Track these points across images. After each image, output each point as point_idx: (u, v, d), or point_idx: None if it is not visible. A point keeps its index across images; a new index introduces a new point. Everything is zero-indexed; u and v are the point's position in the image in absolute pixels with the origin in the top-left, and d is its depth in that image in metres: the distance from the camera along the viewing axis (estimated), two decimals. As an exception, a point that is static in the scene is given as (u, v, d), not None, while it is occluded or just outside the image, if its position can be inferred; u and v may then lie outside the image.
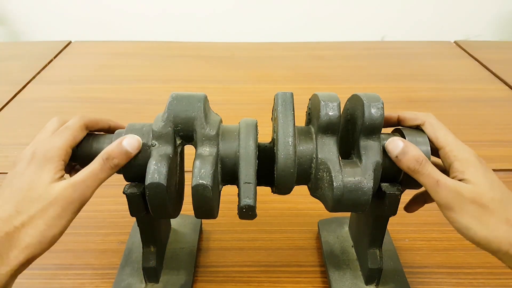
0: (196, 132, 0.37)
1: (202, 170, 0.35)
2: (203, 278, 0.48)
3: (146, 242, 0.43)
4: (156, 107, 0.81)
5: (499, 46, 1.17)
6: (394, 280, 0.45)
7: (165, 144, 0.37)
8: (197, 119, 0.37)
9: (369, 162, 0.37)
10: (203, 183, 0.34)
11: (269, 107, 0.42)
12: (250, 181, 0.36)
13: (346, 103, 0.41)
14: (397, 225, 0.53)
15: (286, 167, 0.36)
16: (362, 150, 0.37)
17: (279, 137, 0.36)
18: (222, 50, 1.11)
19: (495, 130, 0.76)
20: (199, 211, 0.37)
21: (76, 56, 1.08)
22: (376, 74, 0.98)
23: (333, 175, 0.36)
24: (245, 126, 0.38)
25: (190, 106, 0.37)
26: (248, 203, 0.35)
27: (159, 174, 0.35)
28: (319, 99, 0.37)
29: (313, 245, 0.52)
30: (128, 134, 0.38)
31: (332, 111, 0.36)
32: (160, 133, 0.37)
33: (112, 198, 0.59)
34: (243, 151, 0.36)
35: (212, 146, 0.37)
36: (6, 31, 2.05)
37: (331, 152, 0.37)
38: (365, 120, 0.36)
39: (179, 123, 0.37)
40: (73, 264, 0.49)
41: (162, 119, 0.37)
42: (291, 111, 0.37)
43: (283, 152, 0.36)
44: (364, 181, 0.36)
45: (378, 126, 0.37)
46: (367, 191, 0.36)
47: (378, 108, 0.36)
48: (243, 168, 0.36)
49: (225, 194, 0.41)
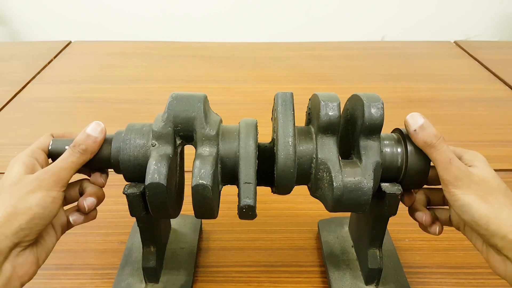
0: (196, 132, 0.37)
1: (202, 170, 0.35)
2: (203, 278, 0.48)
3: (146, 242, 0.43)
4: (156, 107, 0.81)
5: (499, 46, 1.17)
6: (394, 280, 0.45)
7: (165, 144, 0.37)
8: (197, 119, 0.37)
9: (369, 162, 0.37)
10: (203, 183, 0.34)
11: (269, 107, 0.42)
12: (250, 181, 0.36)
13: (346, 103, 0.41)
14: (397, 225, 0.53)
15: (286, 167, 0.36)
16: (362, 150, 0.37)
17: (279, 137, 0.36)
18: (222, 50, 1.11)
19: (495, 130, 0.76)
20: (199, 211, 0.37)
21: (76, 56, 1.08)
22: (376, 74, 0.98)
23: (333, 175, 0.36)
24: (245, 126, 0.38)
25: (190, 106, 0.37)
26: (248, 203, 0.35)
27: (159, 174, 0.35)
28: (319, 99, 0.37)
29: (313, 245, 0.52)
30: (128, 134, 0.38)
31: (332, 111, 0.36)
32: (160, 133, 0.37)
33: (112, 198, 0.59)
34: (243, 151, 0.36)
35: (212, 146, 0.37)
36: (6, 31, 2.05)
37: (331, 152, 0.37)
38: (365, 120, 0.36)
39: (179, 123, 0.37)
40: (73, 264, 0.49)
41: (162, 119, 0.37)
42: (291, 111, 0.37)
43: (283, 152, 0.36)
44: (364, 181, 0.36)
45: (378, 126, 0.37)
46: (367, 191, 0.36)
47: (378, 108, 0.36)
48: (243, 168, 0.36)
49: (225, 194, 0.41)
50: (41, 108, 0.83)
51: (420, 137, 0.36)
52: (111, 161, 0.39)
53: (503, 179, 0.36)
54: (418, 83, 0.93)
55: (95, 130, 0.38)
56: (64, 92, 0.89)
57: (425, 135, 0.36)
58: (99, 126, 0.39)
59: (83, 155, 0.37)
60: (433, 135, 0.36)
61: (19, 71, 0.98)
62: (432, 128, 0.36)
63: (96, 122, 0.39)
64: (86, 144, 0.38)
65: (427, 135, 0.36)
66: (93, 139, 0.38)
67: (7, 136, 0.74)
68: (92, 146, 0.38)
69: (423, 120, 0.36)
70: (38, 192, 0.34)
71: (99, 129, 0.39)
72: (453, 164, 0.35)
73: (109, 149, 0.39)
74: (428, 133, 0.36)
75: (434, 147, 0.35)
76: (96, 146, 0.38)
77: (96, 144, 0.38)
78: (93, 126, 0.39)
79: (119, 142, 0.38)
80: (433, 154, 0.36)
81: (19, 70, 0.98)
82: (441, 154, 0.35)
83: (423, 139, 0.36)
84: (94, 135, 0.38)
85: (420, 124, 0.36)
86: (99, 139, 0.38)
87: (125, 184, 0.38)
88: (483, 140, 0.73)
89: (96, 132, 0.38)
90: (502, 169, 0.65)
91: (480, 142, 0.72)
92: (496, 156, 0.68)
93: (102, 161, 0.39)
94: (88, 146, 0.38)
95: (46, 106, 0.84)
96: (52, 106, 0.84)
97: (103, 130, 0.39)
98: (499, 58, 1.04)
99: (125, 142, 0.38)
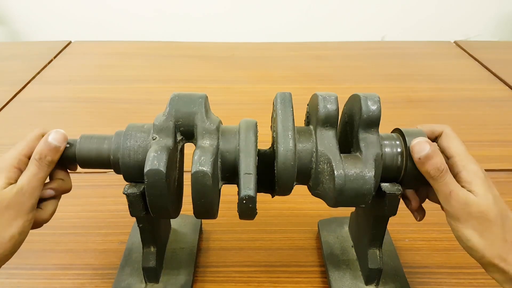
0: (197, 126, 0.37)
1: (202, 158, 0.35)
2: (203, 278, 0.48)
3: (146, 242, 0.43)
4: (156, 107, 0.81)
5: (499, 46, 1.17)
6: (394, 280, 0.45)
7: (165, 138, 0.37)
8: (198, 113, 0.37)
9: (369, 153, 0.37)
10: (203, 169, 0.34)
11: (269, 107, 0.42)
12: (250, 172, 0.36)
13: (344, 107, 0.41)
14: (397, 225, 0.53)
15: (286, 160, 0.36)
16: (362, 143, 0.37)
17: (278, 132, 0.36)
18: (222, 50, 1.11)
19: (495, 130, 0.76)
20: (199, 204, 0.36)
21: (76, 56, 1.08)
22: (376, 74, 0.98)
23: (333, 165, 0.36)
24: (245, 124, 0.38)
25: (191, 102, 0.38)
26: (248, 194, 0.35)
27: (158, 161, 0.35)
28: (317, 95, 0.38)
29: (313, 245, 0.52)
30: (128, 134, 0.38)
31: (330, 104, 0.37)
32: (161, 126, 0.37)
33: (112, 198, 0.59)
34: (243, 143, 0.37)
35: (213, 139, 0.37)
36: (6, 31, 2.05)
37: (331, 144, 0.37)
38: (363, 113, 0.37)
39: (180, 117, 0.37)
40: (73, 264, 0.49)
41: (164, 114, 0.38)
42: (290, 108, 0.37)
43: (283, 145, 0.36)
44: (365, 170, 0.36)
45: (376, 119, 0.37)
46: (368, 179, 0.36)
47: (374, 101, 0.37)
48: (243, 160, 0.36)
49: (225, 194, 0.41)
50: (41, 108, 0.83)
51: (424, 167, 0.36)
52: (111, 161, 0.39)
53: (503, 179, 0.36)
54: (418, 83, 0.93)
55: (58, 139, 0.38)
56: (64, 92, 0.89)
57: (429, 166, 0.36)
58: (61, 135, 0.38)
59: (50, 167, 0.37)
60: (436, 168, 0.35)
61: (19, 71, 0.98)
62: (437, 159, 0.36)
63: (56, 131, 0.38)
64: (51, 155, 0.37)
65: (431, 167, 0.36)
66: (57, 149, 0.37)
67: (7, 136, 0.74)
68: (57, 156, 0.38)
69: (429, 148, 0.36)
70: (19, 219, 0.35)
71: (61, 137, 0.38)
72: (453, 197, 0.35)
73: (108, 149, 0.39)
74: (432, 164, 0.36)
75: (436, 179, 0.36)
76: (59, 156, 0.38)
77: (59, 153, 0.38)
78: (54, 135, 0.38)
79: (119, 142, 0.38)
80: (435, 185, 0.36)
81: (19, 70, 0.98)
82: (442, 186, 0.36)
83: (427, 170, 0.36)
84: (57, 144, 0.37)
85: (425, 153, 0.36)
86: (61, 148, 0.38)
87: (125, 184, 0.38)
88: (483, 140, 0.73)
89: (59, 141, 0.38)
90: (502, 169, 0.65)
91: (480, 142, 0.72)
92: (496, 156, 0.68)
93: (102, 161, 0.39)
94: (53, 157, 0.37)
95: (46, 106, 0.84)
96: (52, 106, 0.84)
97: (65, 137, 0.38)
98: (499, 58, 1.04)
99: (125, 143, 0.38)
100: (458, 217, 0.35)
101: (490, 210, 0.34)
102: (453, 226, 0.36)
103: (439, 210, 0.37)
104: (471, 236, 0.35)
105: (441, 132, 0.39)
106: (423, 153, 0.36)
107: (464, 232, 0.35)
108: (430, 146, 0.36)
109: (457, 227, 0.36)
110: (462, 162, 0.37)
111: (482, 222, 0.35)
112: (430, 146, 0.36)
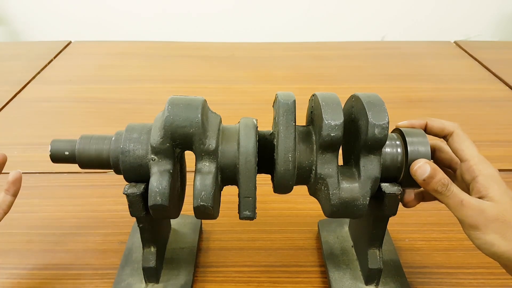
0: (195, 148, 0.37)
1: (202, 193, 0.36)
2: (203, 278, 0.48)
3: (146, 242, 0.43)
4: (156, 107, 0.81)
5: (499, 46, 1.17)
6: (394, 280, 0.45)
7: (164, 159, 0.37)
8: (195, 135, 0.36)
9: (368, 179, 0.37)
10: (205, 204, 0.36)
11: (269, 107, 0.42)
12: (250, 196, 0.37)
13: (351, 106, 0.41)
14: (397, 225, 0.53)
15: (284, 179, 0.37)
16: (362, 164, 0.37)
17: (279, 151, 0.36)
18: (222, 50, 1.11)
19: (495, 130, 0.76)
20: (200, 217, 0.38)
21: (76, 56, 1.08)
22: (376, 74, 0.98)
23: (330, 192, 0.37)
24: (245, 127, 0.38)
25: (187, 121, 0.36)
26: (247, 215, 0.37)
27: (161, 196, 0.36)
28: (322, 110, 0.36)
29: (313, 245, 0.52)
30: (128, 134, 0.38)
31: (335, 132, 0.36)
32: (159, 149, 0.37)
33: (112, 198, 0.59)
34: (243, 167, 0.36)
35: (212, 161, 0.37)
36: (6, 31, 2.05)
37: (331, 169, 0.37)
38: (368, 139, 0.36)
39: (177, 139, 0.36)
40: (73, 264, 0.49)
41: (160, 134, 0.36)
42: (292, 122, 0.37)
43: (283, 167, 0.36)
44: (360, 198, 0.37)
45: (380, 145, 0.37)
46: (362, 208, 0.37)
47: (382, 128, 0.36)
48: (243, 184, 0.37)
49: (225, 194, 0.41)
50: (41, 108, 0.83)
51: (429, 186, 0.36)
52: (111, 161, 0.39)
53: (503, 179, 0.36)
54: (418, 83, 0.93)
55: None
56: (64, 92, 0.89)
57: (434, 184, 0.36)
58: None
59: None
60: (442, 184, 0.36)
61: (19, 71, 0.98)
62: (439, 175, 0.36)
63: None
64: None
65: (436, 184, 0.36)
66: None
67: (7, 136, 0.74)
68: None
69: (429, 168, 0.36)
70: None
71: None
72: (466, 206, 0.35)
73: (108, 149, 0.39)
74: (437, 182, 0.36)
75: (443, 194, 0.36)
76: None
77: None
78: None
79: (119, 142, 0.38)
80: (444, 200, 0.36)
81: (19, 70, 0.98)
82: (451, 198, 0.35)
83: (433, 188, 0.36)
84: None
85: (428, 174, 0.36)
86: None
87: (125, 184, 0.38)
88: (483, 140, 0.73)
89: None
90: (502, 169, 0.65)
91: (480, 142, 0.72)
92: (496, 156, 0.69)
93: (102, 161, 0.39)
94: None
95: (46, 106, 0.84)
96: (52, 106, 0.84)
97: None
98: (499, 58, 1.04)
99: (125, 143, 0.38)
100: (477, 224, 0.34)
101: (506, 212, 0.34)
102: (473, 235, 0.35)
103: (439, 210, 0.37)
104: (495, 240, 0.34)
105: (451, 132, 0.39)
106: (426, 174, 0.36)
107: (486, 238, 0.34)
108: (430, 166, 0.36)
109: (477, 236, 0.35)
110: (477, 166, 0.37)
111: (502, 224, 0.34)
112: (430, 166, 0.36)
